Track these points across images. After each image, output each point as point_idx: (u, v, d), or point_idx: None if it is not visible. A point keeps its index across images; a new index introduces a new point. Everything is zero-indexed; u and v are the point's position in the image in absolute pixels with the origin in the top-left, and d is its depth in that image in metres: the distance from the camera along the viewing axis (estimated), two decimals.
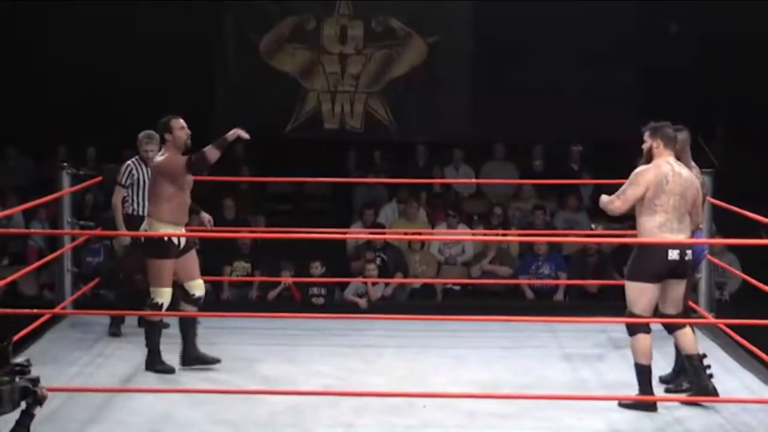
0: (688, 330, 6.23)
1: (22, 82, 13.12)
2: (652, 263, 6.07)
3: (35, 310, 7.12)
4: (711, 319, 7.71)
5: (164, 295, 6.70)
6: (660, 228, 6.08)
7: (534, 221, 11.23)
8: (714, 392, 6.20)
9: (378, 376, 6.89)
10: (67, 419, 5.91)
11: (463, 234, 10.93)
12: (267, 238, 10.36)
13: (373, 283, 10.04)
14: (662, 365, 6.97)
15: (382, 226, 11.15)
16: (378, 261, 10.34)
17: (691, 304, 7.14)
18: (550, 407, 6.20)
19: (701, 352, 6.26)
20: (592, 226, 11.19)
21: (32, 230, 11.08)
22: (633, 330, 6.15)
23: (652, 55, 13.24)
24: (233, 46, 13.69)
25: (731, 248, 10.31)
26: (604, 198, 6.34)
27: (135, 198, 7.69)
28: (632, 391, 6.56)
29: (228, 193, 11.50)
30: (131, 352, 7.37)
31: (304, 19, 13.61)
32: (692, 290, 6.98)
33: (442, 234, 11.01)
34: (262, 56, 13.60)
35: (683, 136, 6.51)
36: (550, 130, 12.99)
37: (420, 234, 10.96)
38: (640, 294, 6.12)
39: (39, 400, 3.73)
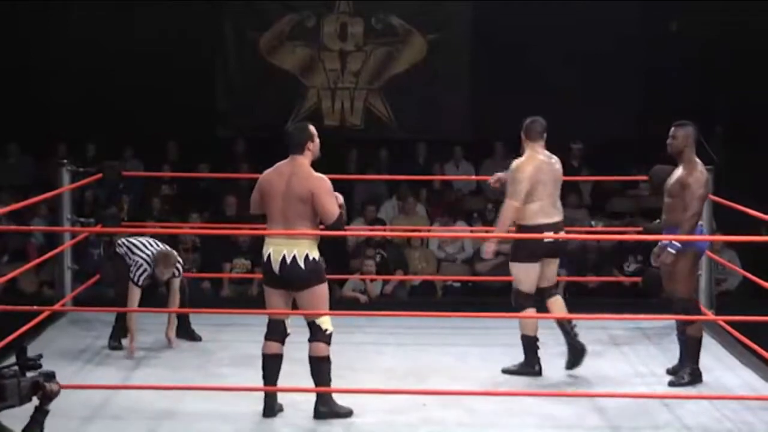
0: (559, 299, 6.88)
1: (23, 81, 13.12)
2: (533, 245, 6.68)
3: (35, 307, 7.12)
4: (711, 315, 7.71)
5: (330, 323, 6.00)
6: (536, 214, 6.67)
7: None
8: (539, 372, 6.81)
9: (378, 373, 6.89)
10: (66, 416, 5.90)
11: (462, 231, 10.93)
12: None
13: (371, 279, 10.04)
14: (662, 361, 7.01)
15: (383, 223, 11.15)
16: (378, 258, 10.33)
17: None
18: (549, 404, 6.21)
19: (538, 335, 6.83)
20: (592, 223, 11.22)
21: (32, 227, 11.08)
22: (521, 305, 6.75)
23: (652, 55, 13.25)
24: (233, 45, 13.68)
25: (731, 245, 10.31)
26: (503, 214, 6.75)
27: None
28: (632, 387, 6.60)
29: (229, 190, 11.51)
30: None
31: (304, 16, 13.62)
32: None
33: (441, 231, 11.00)
34: (262, 54, 13.60)
35: (685, 131, 6.53)
36: (550, 128, 12.96)
37: (419, 231, 10.96)
38: (525, 273, 6.74)
39: (48, 395, 3.68)
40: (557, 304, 6.91)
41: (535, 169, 6.72)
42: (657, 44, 13.23)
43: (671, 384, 6.59)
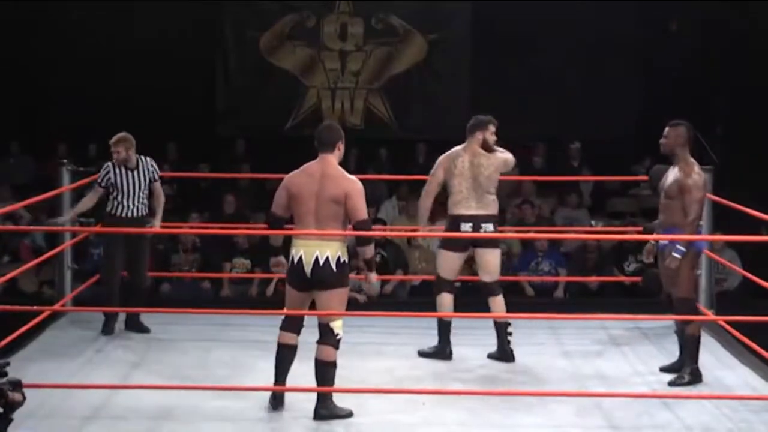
0: (499, 300, 7.11)
1: (23, 81, 13.13)
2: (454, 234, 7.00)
3: (35, 307, 7.12)
4: (711, 315, 7.71)
5: (342, 329, 5.99)
6: (456, 206, 7.01)
7: (524, 216, 11.20)
8: (512, 357, 7.07)
9: (378, 373, 6.89)
10: (66, 416, 5.92)
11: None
12: (267, 235, 10.33)
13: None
14: (661, 360, 7.01)
15: (383, 223, 11.14)
16: (378, 258, 10.32)
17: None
18: (549, 404, 6.21)
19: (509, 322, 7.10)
20: (592, 223, 11.21)
21: (32, 227, 11.07)
22: (438, 289, 7.12)
23: (652, 55, 13.25)
24: (233, 45, 13.69)
25: (732, 245, 10.31)
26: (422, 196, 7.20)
27: (122, 201, 7.66)
28: (632, 387, 6.60)
29: (229, 190, 11.51)
30: (131, 349, 7.38)
31: (304, 16, 13.63)
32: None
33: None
34: (262, 54, 13.62)
35: (677, 131, 6.56)
36: (550, 127, 13.00)
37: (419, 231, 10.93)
38: (445, 260, 7.11)
39: (10, 404, 3.59)
40: (498, 305, 7.12)
41: (448, 162, 7.04)
42: (657, 44, 13.23)
43: (671, 383, 6.60)
